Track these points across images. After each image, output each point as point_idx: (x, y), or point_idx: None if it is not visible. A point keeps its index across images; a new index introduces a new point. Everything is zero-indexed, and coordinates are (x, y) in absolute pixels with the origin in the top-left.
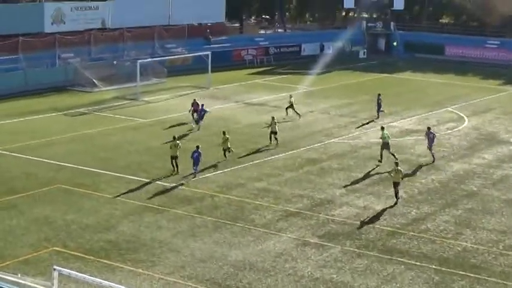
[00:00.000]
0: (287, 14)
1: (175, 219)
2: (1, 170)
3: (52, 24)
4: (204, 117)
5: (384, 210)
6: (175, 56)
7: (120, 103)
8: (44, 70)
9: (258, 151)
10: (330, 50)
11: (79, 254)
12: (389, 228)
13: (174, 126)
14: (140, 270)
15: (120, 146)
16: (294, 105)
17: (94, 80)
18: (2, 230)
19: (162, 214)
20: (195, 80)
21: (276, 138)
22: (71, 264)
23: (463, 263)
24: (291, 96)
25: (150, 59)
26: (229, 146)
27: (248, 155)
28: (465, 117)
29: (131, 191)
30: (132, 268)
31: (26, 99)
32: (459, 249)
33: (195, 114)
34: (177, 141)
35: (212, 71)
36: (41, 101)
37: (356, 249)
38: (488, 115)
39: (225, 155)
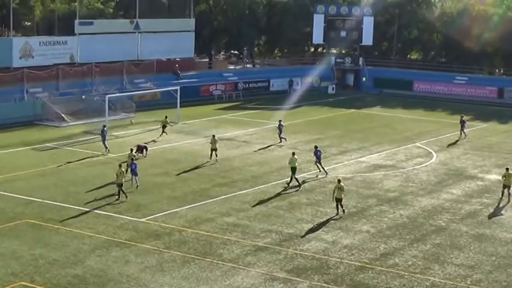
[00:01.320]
0: (256, 49)
1: (143, 254)
2: None
3: (20, 58)
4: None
5: (352, 244)
6: (144, 91)
7: (88, 138)
8: (12, 104)
9: (226, 185)
10: (299, 86)
11: None
12: (357, 263)
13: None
14: None
15: (88, 180)
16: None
17: (62, 115)
18: None
19: (130, 249)
20: (164, 114)
21: (216, 155)
22: None
23: None
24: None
25: (118, 94)
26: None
27: (217, 190)
28: (433, 153)
29: (99, 225)
30: None
31: None
32: (427, 284)
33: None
34: (123, 169)
35: (181, 106)
36: (9, 136)
37: (324, 284)
38: (457, 150)
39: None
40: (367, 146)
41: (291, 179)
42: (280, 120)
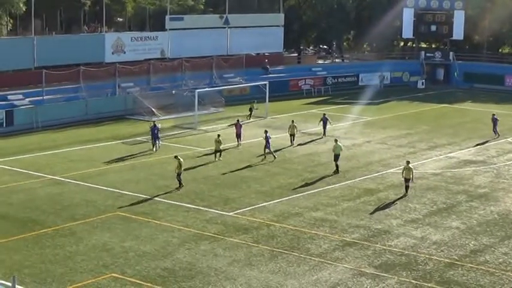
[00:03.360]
0: (345, 44)
1: (231, 248)
2: (62, 198)
3: (112, 54)
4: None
5: (441, 241)
6: (234, 86)
7: (178, 132)
8: (104, 99)
9: (314, 180)
10: (388, 80)
11: (136, 281)
12: (447, 260)
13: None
14: None
15: None
16: (295, 133)
17: (153, 109)
18: (62, 256)
19: (219, 242)
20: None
21: (220, 154)
22: None
23: None
24: (293, 121)
25: (208, 89)
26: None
27: (305, 185)
28: None
29: (188, 219)
30: None
31: (86, 128)
32: None
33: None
34: (180, 159)
35: (269, 101)
36: (101, 130)
37: (413, 280)
38: None
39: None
40: (457, 141)
41: (336, 166)
42: (266, 131)
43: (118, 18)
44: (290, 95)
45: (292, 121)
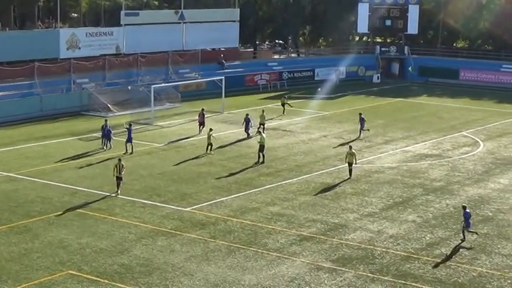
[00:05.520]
0: (300, 38)
1: (188, 243)
2: (17, 194)
3: (67, 49)
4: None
5: (397, 234)
6: (189, 81)
7: (134, 128)
8: (60, 95)
9: (271, 175)
10: (344, 75)
11: (93, 278)
12: (403, 253)
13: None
14: None
15: (134, 170)
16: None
17: (109, 105)
18: (17, 253)
19: (175, 238)
20: (209, 104)
21: (211, 149)
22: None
23: None
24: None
25: (164, 84)
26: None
27: (262, 179)
28: (480, 142)
29: (145, 214)
30: None
31: (41, 124)
32: (474, 274)
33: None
34: (122, 163)
35: (226, 96)
36: (56, 126)
37: (370, 274)
38: (504, 139)
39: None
40: (412, 135)
41: (259, 156)
42: (247, 114)
43: (73, 14)
44: (246, 90)
45: (263, 111)
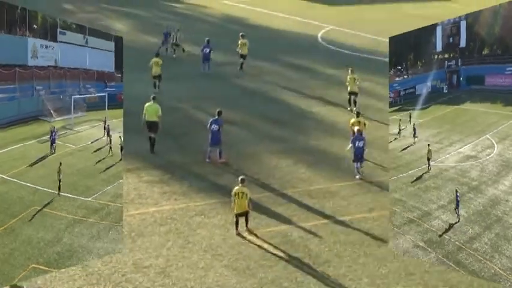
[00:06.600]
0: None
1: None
2: None
3: (31, 58)
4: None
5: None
6: (91, 95)
7: (62, 132)
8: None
9: None
10: (430, 89)
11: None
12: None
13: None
14: None
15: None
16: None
17: (51, 111)
18: None
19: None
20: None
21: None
22: None
23: None
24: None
25: (77, 96)
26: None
27: None
28: (495, 144)
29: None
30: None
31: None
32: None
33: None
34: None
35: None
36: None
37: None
38: None
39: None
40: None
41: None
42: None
43: (34, 26)
44: None
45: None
